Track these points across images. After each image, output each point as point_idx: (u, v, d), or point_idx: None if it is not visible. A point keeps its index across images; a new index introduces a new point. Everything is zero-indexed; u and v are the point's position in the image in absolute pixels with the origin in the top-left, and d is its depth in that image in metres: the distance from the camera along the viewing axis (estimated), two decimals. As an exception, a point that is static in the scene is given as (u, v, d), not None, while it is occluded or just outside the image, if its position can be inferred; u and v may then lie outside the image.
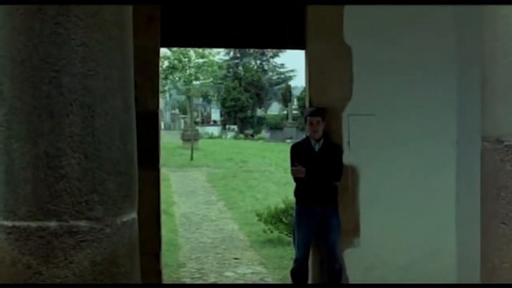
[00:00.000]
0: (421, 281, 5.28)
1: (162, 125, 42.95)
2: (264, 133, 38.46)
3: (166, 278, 6.33)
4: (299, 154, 5.27)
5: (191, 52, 21.47)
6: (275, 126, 38.74)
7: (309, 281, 5.32)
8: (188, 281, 6.44)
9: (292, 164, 5.22)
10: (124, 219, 2.12)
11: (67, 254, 1.97)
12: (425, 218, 5.48)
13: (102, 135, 2.04)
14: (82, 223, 1.99)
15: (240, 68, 49.99)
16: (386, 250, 5.42)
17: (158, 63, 5.34)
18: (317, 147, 5.23)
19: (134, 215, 2.20)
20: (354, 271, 5.38)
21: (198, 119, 44.15)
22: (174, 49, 21.05)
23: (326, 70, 5.43)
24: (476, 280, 4.93)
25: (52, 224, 1.96)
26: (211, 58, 22.17)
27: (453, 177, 5.48)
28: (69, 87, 1.98)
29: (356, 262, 5.38)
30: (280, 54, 52.87)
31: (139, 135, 5.20)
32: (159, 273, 5.20)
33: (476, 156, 5.10)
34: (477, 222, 4.87)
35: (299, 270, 5.23)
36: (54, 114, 1.96)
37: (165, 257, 7.16)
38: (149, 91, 5.15)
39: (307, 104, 5.61)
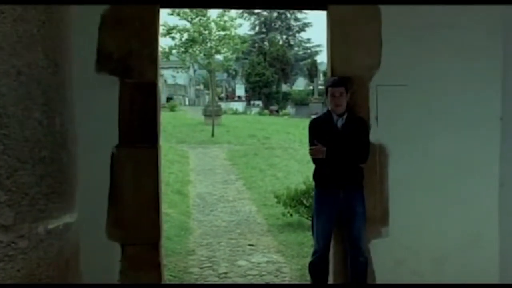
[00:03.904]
0: (458, 275, 4.78)
1: (186, 101, 42.96)
2: (289, 109, 38.35)
3: (172, 267, 5.77)
4: (319, 130, 4.63)
5: (212, 24, 20.85)
6: (301, 102, 38.36)
7: (330, 276, 4.75)
8: (196, 270, 5.83)
9: (311, 143, 4.57)
10: (51, 226, 1.48)
11: (-43, 280, 1.35)
12: (464, 204, 4.96)
13: (10, 104, 1.39)
14: (-19, 235, 1.36)
15: (266, 43, 49.55)
16: (419, 241, 4.91)
17: (157, 27, 4.69)
18: (339, 123, 4.60)
19: (67, 219, 1.55)
20: (381, 264, 4.85)
21: (223, 95, 43.76)
22: (195, 20, 20.48)
23: (351, 34, 4.83)
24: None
25: None
26: (233, 30, 21.48)
27: (496, 157, 4.95)
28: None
29: (384, 254, 4.84)
30: (306, 29, 52.76)
31: (135, 109, 4.63)
32: (158, 265, 4.59)
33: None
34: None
35: (318, 264, 4.66)
36: None
37: (174, 243, 6.66)
38: (147, 59, 4.61)
39: (329, 73, 4.97)
